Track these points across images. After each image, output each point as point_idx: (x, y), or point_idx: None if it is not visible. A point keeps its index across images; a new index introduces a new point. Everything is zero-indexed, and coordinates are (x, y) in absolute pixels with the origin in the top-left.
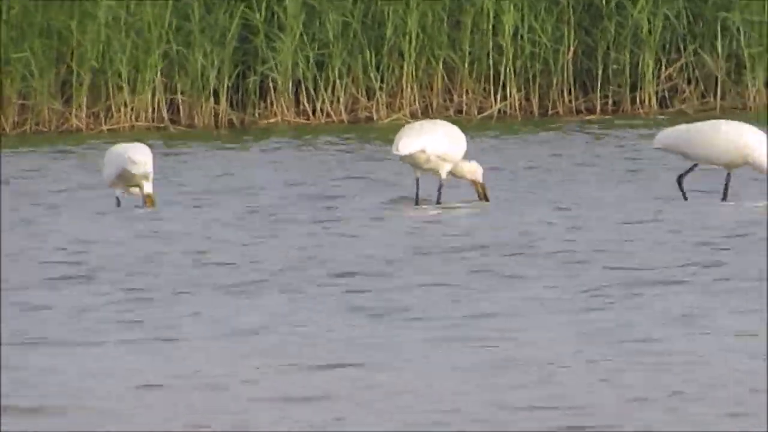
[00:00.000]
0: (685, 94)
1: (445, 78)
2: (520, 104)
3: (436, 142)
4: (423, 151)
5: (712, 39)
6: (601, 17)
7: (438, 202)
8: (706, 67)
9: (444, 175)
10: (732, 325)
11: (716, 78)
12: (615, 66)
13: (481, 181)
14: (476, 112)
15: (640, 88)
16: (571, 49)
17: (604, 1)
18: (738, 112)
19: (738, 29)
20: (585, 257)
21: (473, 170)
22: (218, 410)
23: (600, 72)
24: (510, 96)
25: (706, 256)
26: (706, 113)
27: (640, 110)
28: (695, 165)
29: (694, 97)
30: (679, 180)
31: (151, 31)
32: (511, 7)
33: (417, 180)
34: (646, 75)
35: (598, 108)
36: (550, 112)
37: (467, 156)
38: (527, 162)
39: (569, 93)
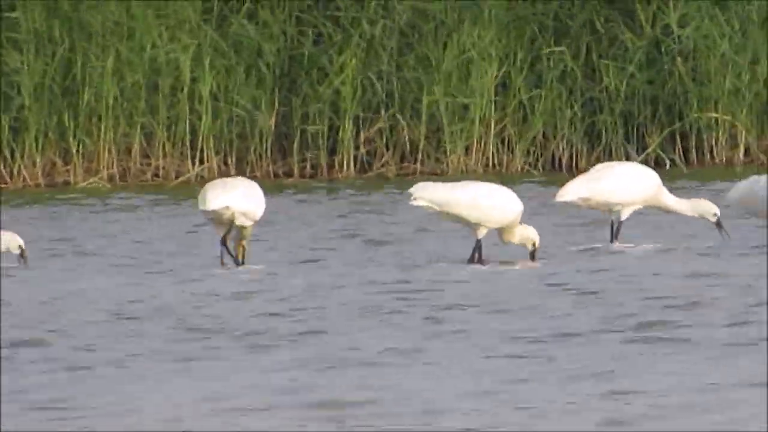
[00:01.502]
0: (384, 158)
1: (143, 142)
2: (219, 168)
3: (240, 199)
4: (227, 208)
5: (413, 104)
6: (299, 83)
7: (222, 262)
8: (405, 131)
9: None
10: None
11: (415, 143)
12: (313, 130)
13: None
14: (174, 176)
15: (339, 153)
16: (270, 114)
17: (303, 70)
18: (437, 177)
19: (437, 100)
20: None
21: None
22: None
23: (298, 136)
24: (208, 160)
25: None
26: (405, 177)
27: (339, 174)
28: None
29: (393, 162)
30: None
31: None
32: (209, 73)
33: (224, 239)
34: (344, 140)
35: (297, 172)
36: (247, 175)
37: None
38: None
39: (267, 157)
